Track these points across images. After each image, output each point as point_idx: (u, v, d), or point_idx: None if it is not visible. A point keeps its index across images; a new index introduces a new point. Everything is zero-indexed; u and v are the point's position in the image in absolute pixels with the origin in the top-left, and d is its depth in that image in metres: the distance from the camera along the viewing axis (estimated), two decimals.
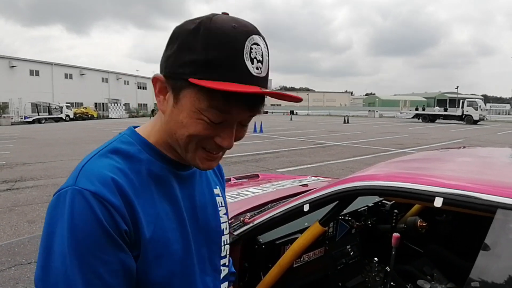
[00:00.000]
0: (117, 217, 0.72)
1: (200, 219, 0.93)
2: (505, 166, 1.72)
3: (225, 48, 0.71)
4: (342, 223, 2.15)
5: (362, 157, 12.86)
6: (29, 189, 8.26)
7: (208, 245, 0.96)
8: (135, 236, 0.75)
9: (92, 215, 0.69)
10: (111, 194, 0.72)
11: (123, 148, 0.82)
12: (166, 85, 0.79)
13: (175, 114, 0.78)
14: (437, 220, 2.42)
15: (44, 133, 25.13)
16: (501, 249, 1.06)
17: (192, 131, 0.77)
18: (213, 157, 0.83)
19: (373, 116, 58.21)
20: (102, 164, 0.77)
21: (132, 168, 0.79)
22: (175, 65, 0.76)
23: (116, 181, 0.74)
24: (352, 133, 23.92)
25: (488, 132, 25.88)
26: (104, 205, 0.70)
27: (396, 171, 1.57)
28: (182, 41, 0.75)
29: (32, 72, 54.62)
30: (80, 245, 0.68)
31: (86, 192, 0.70)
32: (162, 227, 0.80)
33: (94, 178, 0.73)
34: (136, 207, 0.76)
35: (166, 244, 0.81)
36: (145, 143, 0.85)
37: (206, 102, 0.73)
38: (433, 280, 2.16)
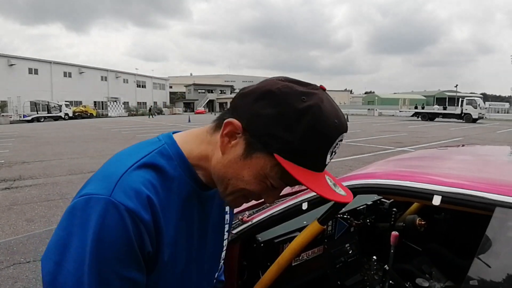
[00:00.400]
0: (146, 238, 0.72)
1: (208, 236, 0.94)
2: (504, 164, 1.72)
3: (321, 145, 0.74)
4: (341, 221, 2.15)
5: (361, 155, 12.86)
6: (28, 188, 8.25)
7: (210, 261, 0.99)
8: (155, 257, 0.76)
9: (124, 232, 0.69)
10: (146, 213, 0.72)
11: (161, 164, 0.80)
12: (240, 134, 0.77)
13: (238, 166, 0.78)
14: (436, 219, 2.42)
15: (43, 132, 25.10)
16: (500, 247, 1.06)
17: (249, 188, 0.80)
18: (247, 201, 0.86)
19: (373, 114, 58.20)
20: (139, 178, 0.75)
21: (163, 185, 0.78)
22: (264, 130, 0.74)
23: (150, 200, 0.73)
24: (351, 131, 23.90)
25: (487, 131, 25.90)
26: (137, 224, 0.70)
27: (395, 169, 1.57)
28: (283, 114, 0.72)
29: (31, 70, 54.58)
30: (102, 255, 0.68)
31: (122, 207, 0.69)
32: (179, 249, 0.82)
33: (132, 194, 0.72)
34: (162, 228, 0.76)
35: (173, 263, 0.82)
36: (183, 161, 0.84)
37: (279, 174, 0.76)
38: (431, 279, 2.17)
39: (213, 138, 0.83)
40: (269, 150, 0.74)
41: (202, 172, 0.86)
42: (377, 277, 2.03)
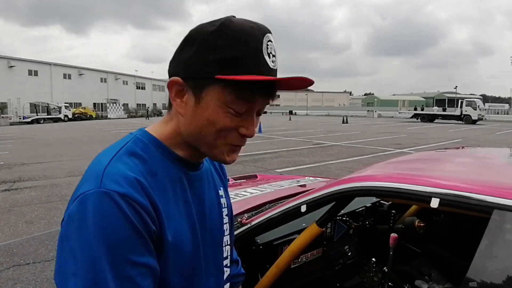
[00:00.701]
0: (146, 218, 0.73)
1: (207, 219, 0.94)
2: (503, 166, 1.72)
3: (248, 45, 0.77)
4: (340, 223, 2.15)
5: (360, 157, 12.87)
6: (27, 190, 8.25)
7: (214, 246, 0.97)
8: (160, 238, 0.77)
9: (123, 217, 0.69)
10: (139, 195, 0.73)
11: (138, 150, 0.82)
12: (184, 87, 0.82)
13: (199, 115, 0.81)
14: (435, 221, 2.42)
15: (42, 134, 25.10)
16: (497, 249, 1.06)
17: (220, 126, 0.80)
18: (237, 149, 0.87)
19: (372, 116, 58.22)
20: (123, 166, 0.76)
21: (149, 171, 0.80)
22: (197, 65, 0.79)
23: (140, 182, 0.74)
24: (351, 133, 23.93)
25: (487, 132, 25.91)
26: (133, 206, 0.71)
27: (393, 172, 1.57)
28: (203, 42, 0.78)
29: (30, 72, 54.64)
30: (111, 248, 0.68)
31: (114, 194, 0.70)
32: (179, 229, 0.82)
33: (120, 180, 0.72)
34: (160, 209, 0.76)
35: (182, 246, 0.82)
36: (159, 144, 0.86)
37: (234, 95, 0.77)
38: (431, 280, 2.17)
39: (172, 114, 0.88)
40: (210, 77, 0.77)
41: (181, 150, 0.88)
42: (376, 279, 2.03)
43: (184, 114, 0.83)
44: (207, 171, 1.00)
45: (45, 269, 4.23)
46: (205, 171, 0.99)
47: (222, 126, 0.80)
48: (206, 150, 0.86)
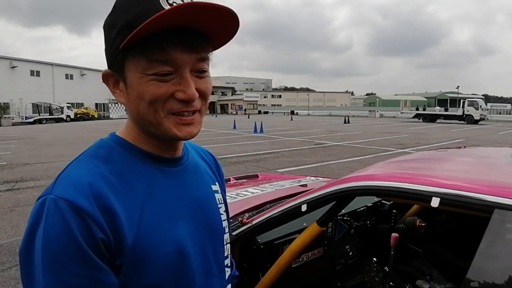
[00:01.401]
0: (93, 226, 0.69)
1: (200, 217, 0.88)
2: (505, 166, 1.71)
3: (144, 2, 0.72)
4: (341, 223, 2.15)
5: (362, 157, 12.85)
6: (30, 190, 8.26)
7: (213, 245, 0.92)
8: (116, 243, 0.72)
9: (64, 226, 0.67)
10: (86, 201, 0.69)
11: (102, 152, 0.80)
12: (115, 76, 0.80)
13: (130, 95, 0.77)
14: (437, 220, 2.42)
15: (45, 134, 25.15)
16: (498, 249, 1.06)
17: (149, 97, 0.75)
18: (186, 121, 0.79)
19: (374, 116, 58.15)
20: (80, 169, 0.75)
21: (112, 171, 0.77)
22: (108, 48, 0.78)
23: (92, 186, 0.71)
24: (352, 133, 23.90)
25: (489, 132, 25.85)
26: (78, 213, 0.68)
27: (393, 171, 1.57)
28: (106, 25, 0.78)
29: (33, 72, 54.76)
30: (53, 256, 0.66)
31: (60, 201, 0.68)
32: (148, 231, 0.76)
33: (69, 185, 0.71)
34: (116, 212, 0.72)
35: (154, 249, 0.76)
36: (125, 144, 0.83)
37: (144, 60, 0.73)
38: (432, 280, 2.16)
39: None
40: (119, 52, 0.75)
41: (145, 144, 0.84)
42: (377, 279, 2.03)
43: (125, 103, 0.81)
44: (196, 166, 0.95)
45: None
46: (193, 166, 0.94)
47: (150, 97, 0.75)
48: (155, 131, 0.80)
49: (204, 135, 21.87)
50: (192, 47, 0.74)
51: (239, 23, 0.76)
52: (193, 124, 0.80)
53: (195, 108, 0.79)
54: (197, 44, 0.75)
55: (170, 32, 0.71)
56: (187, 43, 0.73)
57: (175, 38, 0.72)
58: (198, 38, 0.75)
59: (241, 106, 78.37)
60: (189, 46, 0.74)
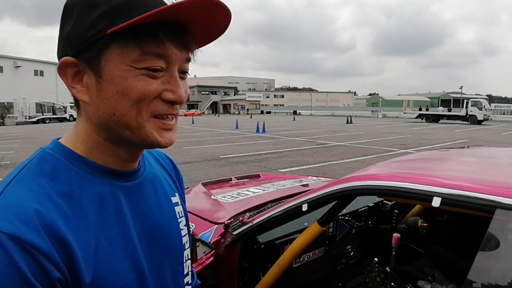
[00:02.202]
0: (46, 264, 0.57)
1: (158, 237, 0.79)
2: (507, 166, 1.71)
3: None
4: (342, 223, 2.14)
5: (364, 157, 12.83)
6: None
7: (171, 266, 0.82)
8: (73, 281, 0.61)
9: (12, 268, 0.54)
10: (36, 235, 0.56)
11: (46, 167, 0.66)
12: (79, 66, 0.66)
13: (105, 91, 0.64)
14: (438, 221, 2.41)
15: (48, 133, 25.21)
16: (500, 249, 1.06)
17: (136, 94, 0.64)
18: (168, 126, 0.69)
19: (377, 116, 58.10)
20: (21, 192, 0.61)
21: (60, 192, 0.64)
22: (82, 31, 0.63)
23: (41, 215, 0.58)
24: (355, 133, 23.88)
25: (493, 133, 25.78)
26: (27, 251, 0.55)
27: (394, 171, 1.56)
28: (80, 5, 0.64)
29: (36, 72, 54.95)
30: None
31: (2, 235, 0.54)
32: (106, 261, 0.66)
33: (11, 215, 0.57)
34: (70, 244, 0.60)
35: (113, 279, 0.66)
36: (73, 156, 0.69)
37: (137, 50, 0.62)
38: (434, 281, 2.15)
39: (80, 111, 0.73)
40: (100, 37, 0.62)
41: (103, 155, 0.72)
42: (378, 279, 2.02)
43: (89, 100, 0.67)
44: (152, 178, 0.83)
45: None
46: (148, 178, 0.81)
47: (138, 95, 0.64)
48: (130, 136, 0.67)
49: (207, 135, 21.90)
50: (185, 45, 0.67)
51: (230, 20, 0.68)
52: (173, 130, 0.71)
53: (176, 112, 0.70)
54: (189, 42, 0.68)
55: (166, 25, 0.63)
56: (181, 40, 0.66)
57: (171, 33, 0.64)
58: (188, 35, 0.67)
59: (244, 106, 78.50)
60: (183, 44, 0.66)
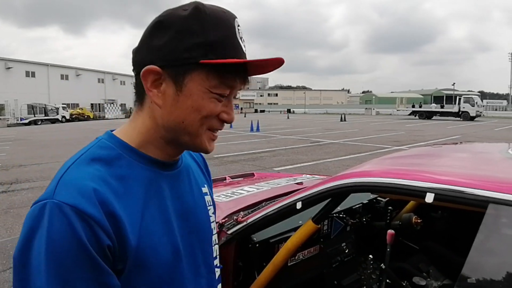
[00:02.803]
0: (99, 232, 0.69)
1: (191, 220, 0.91)
2: (500, 161, 1.71)
3: (225, 29, 0.77)
4: (336, 220, 2.14)
5: (358, 154, 12.88)
6: (24, 191, 8.23)
7: (202, 247, 0.94)
8: (120, 249, 0.72)
9: (71, 232, 0.66)
10: (93, 207, 0.69)
11: (103, 154, 0.79)
12: (161, 76, 0.78)
13: (181, 103, 0.78)
14: (433, 217, 2.41)
15: (40, 135, 25.07)
16: (493, 243, 1.06)
17: (206, 112, 0.79)
18: (215, 137, 0.86)
19: (370, 113, 58.31)
20: (81, 173, 0.73)
21: (113, 174, 0.76)
22: (176, 51, 0.76)
23: (97, 192, 0.71)
24: (349, 131, 23.95)
25: (485, 128, 25.96)
26: (85, 220, 0.67)
27: (388, 167, 1.56)
28: (180, 27, 0.76)
29: (28, 73, 54.55)
30: (58, 262, 0.66)
31: (66, 206, 0.67)
32: (148, 234, 0.77)
33: (73, 190, 0.70)
34: (120, 218, 0.72)
35: (153, 251, 0.78)
36: (125, 147, 0.82)
37: (217, 79, 0.77)
38: (429, 277, 2.16)
39: (143, 109, 0.84)
40: (193, 63, 0.76)
41: (154, 148, 0.85)
42: (374, 276, 2.02)
43: (162, 105, 0.79)
44: (187, 169, 0.97)
45: None
46: (185, 169, 0.95)
47: (208, 113, 0.79)
48: (188, 140, 0.82)
49: None
50: (246, 81, 0.84)
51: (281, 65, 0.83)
52: (215, 141, 0.87)
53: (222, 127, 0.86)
54: (248, 78, 0.84)
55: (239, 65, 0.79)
56: (245, 77, 0.83)
57: (242, 74, 0.81)
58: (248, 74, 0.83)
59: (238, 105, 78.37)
60: (246, 80, 0.84)
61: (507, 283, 0.97)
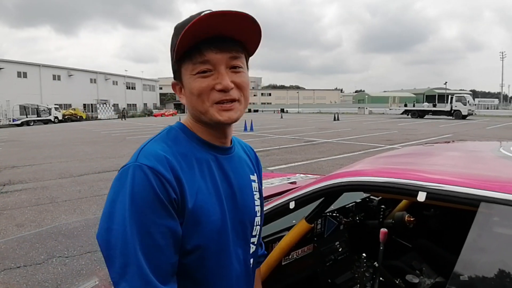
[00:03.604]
0: (168, 187, 0.88)
1: (237, 198, 1.07)
2: (491, 160, 1.73)
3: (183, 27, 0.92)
4: (330, 219, 2.15)
5: (352, 153, 12.91)
6: (17, 193, 8.17)
7: (243, 222, 1.09)
8: (182, 205, 0.91)
9: (149, 185, 0.86)
10: (164, 169, 0.89)
11: (171, 135, 1.02)
12: (178, 84, 1.04)
13: (187, 95, 1.01)
14: (425, 215, 2.43)
15: (32, 136, 24.90)
16: (485, 242, 1.07)
17: (196, 90, 0.96)
18: (226, 107, 0.98)
19: (363, 113, 58.44)
20: (157, 146, 0.95)
21: (179, 151, 0.97)
22: (172, 64, 1.02)
23: (168, 159, 0.91)
24: (342, 130, 24.01)
25: (477, 127, 26.13)
26: (158, 177, 0.87)
27: (380, 167, 1.57)
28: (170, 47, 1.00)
29: (20, 74, 54.09)
30: (137, 208, 0.85)
31: (145, 167, 0.87)
32: (202, 200, 0.95)
33: (151, 156, 0.90)
34: (182, 181, 0.91)
35: (206, 214, 0.95)
36: (187, 131, 1.04)
37: (191, 64, 0.96)
38: (422, 275, 2.18)
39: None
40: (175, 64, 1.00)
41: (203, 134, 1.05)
42: (367, 274, 2.03)
43: (186, 103, 1.03)
44: (240, 158, 1.16)
45: (36, 272, 4.19)
46: (237, 157, 1.14)
47: (198, 90, 0.97)
48: (204, 118, 1.00)
49: None
50: (224, 48, 0.95)
51: (260, 28, 0.97)
52: (233, 110, 0.99)
53: (232, 97, 0.98)
54: (227, 46, 0.96)
55: (207, 40, 0.94)
56: (219, 45, 0.95)
57: (210, 44, 0.94)
58: (229, 42, 0.96)
59: None
60: (221, 48, 0.95)
61: (499, 281, 0.98)
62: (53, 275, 4.14)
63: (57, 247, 4.88)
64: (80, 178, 9.43)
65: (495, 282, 0.98)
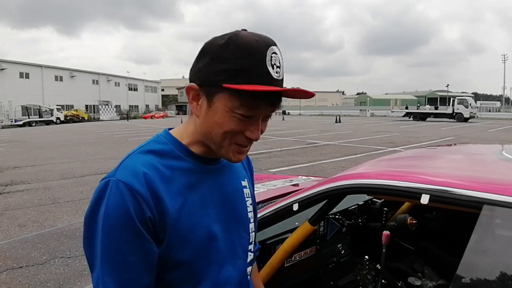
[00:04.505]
0: (143, 205, 0.85)
1: (229, 208, 1.05)
2: (494, 162, 1.73)
3: (252, 57, 0.87)
4: (332, 221, 2.16)
5: (353, 156, 12.91)
6: (20, 193, 8.20)
7: (238, 232, 1.08)
8: (160, 222, 0.88)
9: (122, 203, 0.84)
10: (140, 186, 0.86)
11: (157, 148, 0.97)
12: (199, 92, 0.93)
13: (209, 116, 0.92)
14: (427, 217, 2.43)
15: (34, 136, 24.94)
16: (487, 244, 1.08)
17: (227, 128, 0.91)
18: (242, 151, 0.97)
19: (365, 115, 58.42)
20: (137, 160, 0.92)
21: (164, 164, 0.93)
22: (209, 74, 0.90)
23: (146, 175, 0.88)
24: (343, 132, 24.00)
25: (479, 130, 26.08)
26: (133, 194, 0.85)
27: (383, 169, 1.58)
28: (214, 54, 0.89)
29: (22, 74, 54.18)
30: (110, 228, 0.84)
31: (120, 183, 0.85)
32: (188, 215, 0.93)
33: (128, 172, 0.88)
34: (162, 197, 0.88)
35: (190, 230, 0.93)
36: (177, 143, 0.99)
37: (238, 102, 0.88)
38: (424, 277, 2.18)
39: (191, 116, 1.00)
40: (218, 85, 0.88)
41: (198, 147, 1.00)
42: (369, 276, 2.04)
43: (199, 116, 0.95)
44: (229, 165, 1.10)
45: (38, 273, 4.21)
46: (227, 164, 1.08)
47: (228, 129, 0.91)
48: (214, 148, 0.97)
49: None
50: (274, 105, 0.93)
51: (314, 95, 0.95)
52: (244, 153, 0.98)
53: (251, 144, 0.98)
54: (278, 104, 0.93)
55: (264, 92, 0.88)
56: (272, 102, 0.91)
57: (267, 98, 0.89)
58: (279, 99, 0.93)
59: None
60: (273, 104, 0.92)
61: (501, 283, 0.98)
62: (55, 276, 4.16)
63: (59, 248, 4.90)
64: (82, 179, 9.45)
65: (497, 284, 0.99)
